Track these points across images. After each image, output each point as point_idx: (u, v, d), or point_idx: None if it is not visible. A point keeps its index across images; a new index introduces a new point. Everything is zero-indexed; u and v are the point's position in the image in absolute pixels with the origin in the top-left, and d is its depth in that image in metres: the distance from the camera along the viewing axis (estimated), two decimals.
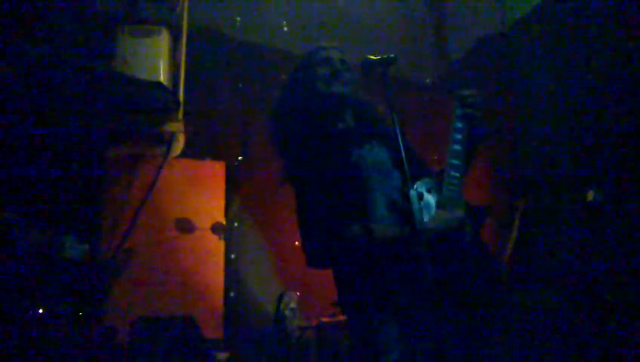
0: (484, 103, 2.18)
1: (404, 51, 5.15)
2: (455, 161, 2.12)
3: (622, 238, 3.62)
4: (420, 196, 2.05)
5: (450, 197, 2.10)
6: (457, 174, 2.11)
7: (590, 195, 3.82)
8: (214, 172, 4.11)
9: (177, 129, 3.87)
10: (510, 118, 4.82)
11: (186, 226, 3.94)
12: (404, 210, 1.98)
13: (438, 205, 2.12)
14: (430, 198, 2.13)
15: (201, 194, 4.02)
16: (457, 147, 2.13)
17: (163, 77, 3.76)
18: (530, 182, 4.50)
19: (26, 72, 3.43)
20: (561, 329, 3.75)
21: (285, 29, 4.67)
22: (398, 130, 1.96)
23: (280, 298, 3.87)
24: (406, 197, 1.87)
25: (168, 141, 3.88)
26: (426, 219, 2.05)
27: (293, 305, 3.83)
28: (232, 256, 4.12)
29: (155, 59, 3.77)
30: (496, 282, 2.22)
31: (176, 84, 3.92)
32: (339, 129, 2.29)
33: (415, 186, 2.10)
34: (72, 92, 3.55)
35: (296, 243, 2.31)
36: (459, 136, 2.14)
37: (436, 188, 2.15)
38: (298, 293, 3.88)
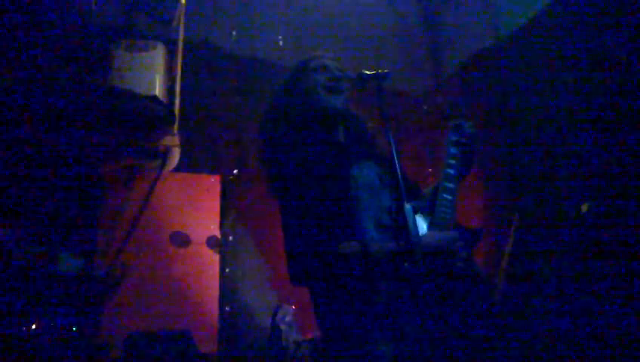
0: (478, 134, 2.24)
1: (398, 64, 5.18)
2: (448, 185, 2.17)
3: (616, 250, 3.63)
4: (416, 210, 2.06)
5: (443, 219, 2.13)
6: (450, 197, 2.16)
7: (585, 207, 3.83)
8: (210, 185, 4.10)
9: (173, 143, 3.87)
10: (505, 131, 4.84)
11: (181, 240, 3.93)
12: (393, 231, 2.04)
13: (430, 227, 2.14)
14: (419, 220, 2.15)
15: (196, 207, 4.02)
16: (451, 171, 2.18)
17: (159, 91, 3.77)
18: (525, 194, 4.51)
19: (22, 86, 3.43)
20: (559, 339, 3.75)
21: (281, 43, 4.69)
22: (393, 145, 1.96)
23: (275, 312, 3.86)
24: (401, 212, 1.88)
25: (164, 155, 3.88)
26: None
27: (288, 318, 3.82)
28: (227, 270, 4.11)
29: (151, 73, 3.78)
30: (487, 299, 2.24)
31: (171, 98, 3.92)
32: (331, 143, 2.27)
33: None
34: (68, 106, 3.55)
35: None
36: (452, 162, 2.20)
37: (425, 210, 2.17)
38: (294, 307, 3.88)
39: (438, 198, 2.15)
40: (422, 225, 2.14)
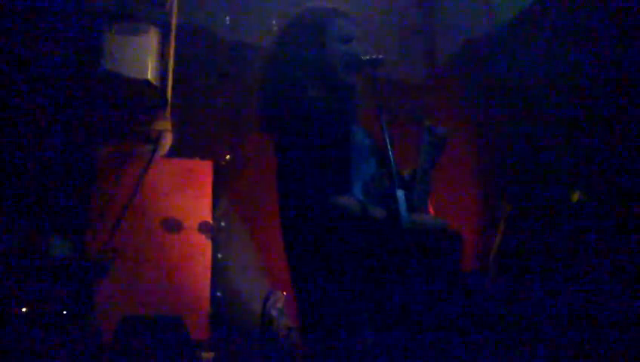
0: (448, 134, 2.40)
1: (393, 52, 5.16)
2: (425, 177, 2.32)
3: (607, 239, 3.65)
4: (407, 196, 2.07)
5: (419, 206, 2.24)
6: (425, 187, 2.31)
7: (576, 196, 3.85)
8: (202, 171, 4.09)
9: (165, 127, 3.86)
10: (498, 120, 4.84)
11: (173, 225, 3.92)
12: (376, 200, 2.11)
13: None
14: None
15: (188, 193, 4.01)
16: (426, 166, 2.35)
17: (151, 75, 3.74)
18: (516, 183, 4.52)
19: (13, 69, 3.41)
20: (549, 330, 3.77)
21: (275, 28, 4.65)
22: (386, 131, 1.98)
23: (267, 298, 3.86)
24: (393, 197, 1.90)
25: (156, 140, 3.86)
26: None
27: (280, 305, 3.82)
28: (219, 256, 4.11)
29: (143, 57, 3.75)
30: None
31: (164, 83, 3.90)
32: (336, 105, 2.28)
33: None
34: (60, 89, 3.53)
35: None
36: (427, 157, 2.36)
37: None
38: (285, 293, 3.88)
39: (416, 188, 2.27)
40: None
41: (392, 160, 1.97)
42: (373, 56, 2.13)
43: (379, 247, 2.04)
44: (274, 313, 3.80)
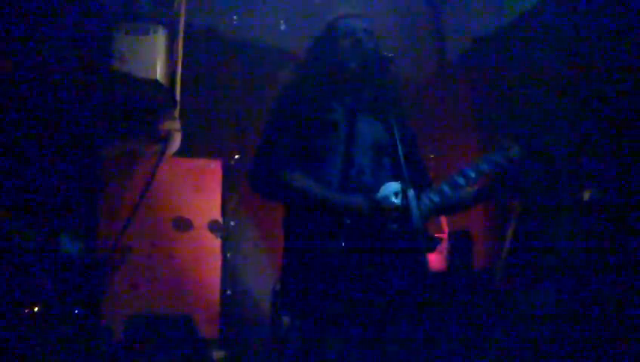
0: (521, 166, 2.14)
1: (402, 50, 5.14)
2: (446, 189, 2.07)
3: (619, 237, 3.63)
4: (418, 196, 2.05)
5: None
6: (437, 200, 2.07)
7: (587, 195, 3.83)
8: (211, 170, 4.10)
9: (174, 127, 3.86)
10: (507, 117, 4.82)
11: (182, 224, 3.94)
12: (349, 189, 2.08)
13: None
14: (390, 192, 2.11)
15: (197, 192, 4.02)
16: (460, 180, 2.07)
17: (160, 75, 3.75)
18: (527, 181, 4.50)
19: (23, 70, 3.42)
20: (559, 329, 3.75)
21: (282, 27, 4.66)
22: (396, 130, 1.97)
23: (276, 296, 3.87)
24: (405, 196, 1.89)
25: (165, 139, 3.87)
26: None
27: None
28: (229, 255, 4.12)
29: (152, 57, 3.76)
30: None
31: (173, 82, 3.91)
32: (343, 101, 2.29)
33: (385, 187, 2.11)
34: (69, 89, 3.54)
35: None
36: (471, 174, 2.07)
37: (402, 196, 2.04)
38: None
39: (424, 198, 2.07)
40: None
41: (400, 156, 1.95)
42: (383, 54, 2.12)
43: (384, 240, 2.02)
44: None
